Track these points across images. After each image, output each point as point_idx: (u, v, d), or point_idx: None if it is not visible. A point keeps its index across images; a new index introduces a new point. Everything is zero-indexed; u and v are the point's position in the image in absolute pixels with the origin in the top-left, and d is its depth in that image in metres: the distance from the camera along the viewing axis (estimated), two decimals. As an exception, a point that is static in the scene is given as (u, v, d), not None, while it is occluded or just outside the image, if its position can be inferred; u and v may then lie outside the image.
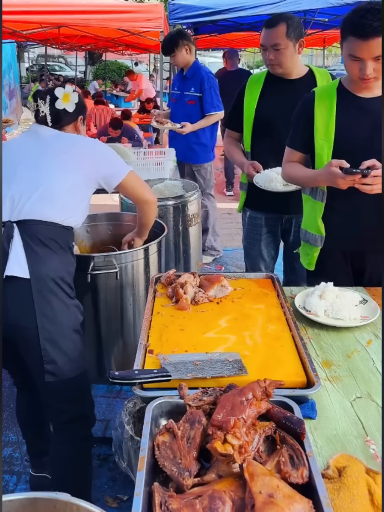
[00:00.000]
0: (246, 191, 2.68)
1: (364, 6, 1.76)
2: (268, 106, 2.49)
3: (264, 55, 2.45)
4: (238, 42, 10.23)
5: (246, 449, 0.98)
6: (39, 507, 0.99)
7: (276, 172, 2.40)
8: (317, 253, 2.08)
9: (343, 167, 1.74)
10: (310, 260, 2.12)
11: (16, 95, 13.19)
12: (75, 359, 1.79)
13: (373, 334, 1.63)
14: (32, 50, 17.39)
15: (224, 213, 6.04)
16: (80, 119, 2.05)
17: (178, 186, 3.45)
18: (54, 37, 7.46)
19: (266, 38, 2.39)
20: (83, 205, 1.92)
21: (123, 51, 12.11)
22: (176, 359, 1.35)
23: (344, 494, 1.00)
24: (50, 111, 1.93)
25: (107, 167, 1.94)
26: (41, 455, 2.18)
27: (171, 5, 5.19)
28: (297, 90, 2.43)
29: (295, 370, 1.34)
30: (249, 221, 2.72)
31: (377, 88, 1.89)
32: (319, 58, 27.76)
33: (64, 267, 1.80)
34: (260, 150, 2.55)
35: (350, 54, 1.78)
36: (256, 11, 4.74)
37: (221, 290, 1.78)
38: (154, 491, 0.93)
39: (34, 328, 1.69)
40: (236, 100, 2.68)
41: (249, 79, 2.65)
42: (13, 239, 1.72)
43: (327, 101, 1.95)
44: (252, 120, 2.53)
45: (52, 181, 1.81)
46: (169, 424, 1.08)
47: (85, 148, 1.92)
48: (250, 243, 2.76)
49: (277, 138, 2.42)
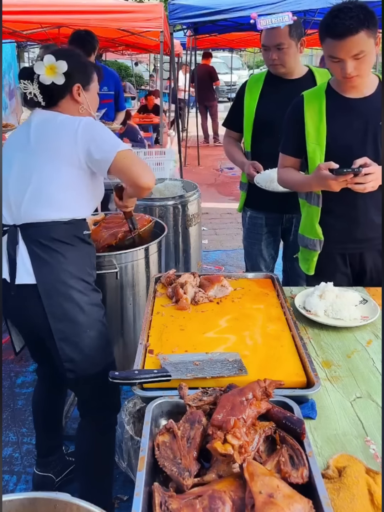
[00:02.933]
0: (246, 191, 2.68)
1: (338, 5, 1.76)
2: (268, 106, 2.49)
3: (266, 55, 2.44)
4: (238, 42, 10.24)
5: (246, 449, 0.98)
6: (39, 507, 0.99)
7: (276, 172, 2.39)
8: (316, 258, 2.06)
9: (334, 169, 1.73)
10: (310, 265, 2.09)
11: (16, 95, 13.19)
12: (94, 355, 1.77)
13: (373, 334, 1.63)
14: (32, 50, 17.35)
15: (224, 213, 6.04)
16: (76, 88, 1.74)
17: (178, 186, 3.45)
18: (54, 37, 7.44)
19: (268, 37, 2.38)
20: (83, 193, 1.75)
21: (123, 51, 12.10)
22: (176, 359, 1.35)
23: (344, 494, 0.99)
24: (39, 89, 1.70)
25: (93, 149, 1.66)
26: (49, 454, 2.17)
27: (171, 5, 5.19)
28: (298, 90, 2.41)
29: (295, 370, 1.34)
30: (249, 221, 2.72)
31: (366, 88, 1.89)
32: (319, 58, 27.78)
33: (75, 264, 1.73)
34: (260, 150, 2.55)
35: (330, 56, 1.78)
36: (256, 11, 4.74)
37: (221, 290, 1.78)
38: (154, 491, 0.93)
39: (47, 330, 1.70)
40: (235, 100, 2.68)
41: (249, 79, 2.65)
42: (18, 245, 1.69)
43: (316, 104, 1.94)
44: (252, 120, 2.53)
45: (39, 178, 1.67)
46: (169, 424, 1.08)
47: (66, 132, 1.67)
48: (251, 243, 2.76)
49: (277, 138, 2.41)
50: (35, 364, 3.08)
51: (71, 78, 1.72)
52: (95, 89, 1.84)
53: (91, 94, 1.81)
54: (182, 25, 6.48)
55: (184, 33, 8.31)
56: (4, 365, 3.05)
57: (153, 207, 3.10)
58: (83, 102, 1.77)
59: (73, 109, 1.76)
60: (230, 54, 16.44)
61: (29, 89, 1.69)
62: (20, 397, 2.82)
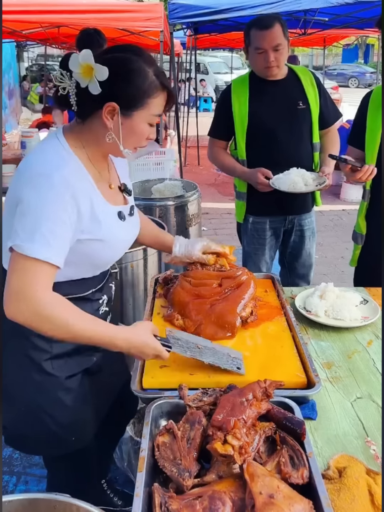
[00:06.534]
0: (245, 201, 2.58)
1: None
2: (260, 109, 2.40)
3: (259, 58, 2.32)
4: (238, 42, 10.20)
5: (246, 449, 0.98)
6: (39, 508, 0.99)
7: (294, 174, 2.32)
8: (359, 251, 2.26)
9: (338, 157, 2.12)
10: (352, 257, 2.30)
11: (15, 95, 13.20)
12: None
13: (374, 335, 1.63)
14: (32, 50, 17.35)
15: (224, 213, 6.04)
16: (108, 108, 1.23)
17: (178, 186, 3.45)
18: (53, 36, 7.44)
19: (265, 39, 2.28)
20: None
21: (123, 51, 12.11)
22: (182, 336, 1.36)
23: (345, 494, 0.99)
24: (76, 89, 1.24)
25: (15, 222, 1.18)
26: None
27: (171, 4, 5.18)
28: (285, 90, 2.41)
29: (296, 371, 1.34)
30: (252, 227, 2.63)
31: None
32: (319, 58, 27.76)
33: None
34: (257, 155, 2.45)
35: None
36: (256, 10, 4.73)
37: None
38: (154, 492, 0.93)
39: None
40: (220, 108, 2.56)
41: (233, 84, 2.51)
42: None
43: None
44: (245, 126, 2.42)
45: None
46: (169, 425, 1.08)
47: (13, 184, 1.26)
48: (255, 249, 2.67)
49: (274, 142, 2.38)
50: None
51: (108, 92, 1.21)
52: (143, 119, 1.28)
53: (133, 124, 1.28)
54: (182, 24, 6.48)
55: (184, 33, 8.30)
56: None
57: (153, 207, 3.10)
58: (113, 129, 1.26)
59: (100, 133, 1.28)
60: (230, 54, 16.46)
61: (65, 83, 1.23)
62: (20, 397, 2.81)
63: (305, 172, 2.33)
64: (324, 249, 4.87)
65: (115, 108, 1.23)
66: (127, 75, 1.23)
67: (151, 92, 1.26)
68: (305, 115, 2.42)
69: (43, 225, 1.15)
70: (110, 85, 1.20)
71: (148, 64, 1.26)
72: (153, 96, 1.27)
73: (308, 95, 2.42)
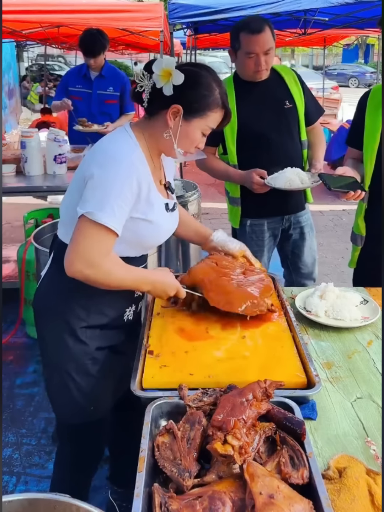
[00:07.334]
0: (239, 206, 2.54)
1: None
2: (248, 112, 2.37)
3: (250, 62, 2.28)
4: (238, 42, 10.22)
5: (246, 450, 0.98)
6: (39, 508, 0.99)
7: (289, 172, 2.32)
8: (358, 252, 2.25)
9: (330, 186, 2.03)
10: (351, 259, 2.30)
11: (15, 95, 13.19)
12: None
13: (374, 335, 1.63)
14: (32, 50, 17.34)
15: (224, 213, 6.03)
16: (174, 109, 1.41)
17: (178, 186, 3.45)
18: (53, 36, 7.43)
19: (257, 44, 2.24)
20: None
21: (123, 51, 12.07)
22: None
23: (345, 495, 0.99)
24: (151, 89, 1.43)
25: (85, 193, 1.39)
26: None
27: (171, 4, 5.17)
28: (271, 91, 2.40)
29: (296, 371, 1.34)
30: (250, 229, 2.60)
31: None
32: (319, 58, 27.80)
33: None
34: (248, 159, 2.41)
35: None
36: (256, 10, 4.73)
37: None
38: (154, 492, 0.93)
39: None
40: None
41: None
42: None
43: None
44: (235, 130, 2.39)
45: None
46: (169, 425, 1.08)
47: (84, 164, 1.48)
48: (253, 252, 2.63)
49: (264, 143, 2.37)
50: (34, 365, 3.09)
51: (177, 96, 1.40)
52: (199, 127, 1.46)
53: (190, 129, 1.45)
54: (182, 24, 6.47)
55: (184, 33, 8.30)
56: (3, 366, 3.05)
57: (153, 207, 3.09)
58: (173, 129, 1.44)
59: (161, 130, 1.46)
60: (230, 54, 16.44)
61: (144, 82, 1.44)
62: (20, 397, 2.82)
63: (300, 171, 2.34)
64: (324, 249, 4.88)
65: (179, 110, 1.41)
66: (197, 86, 1.42)
67: (212, 107, 1.44)
68: (292, 114, 2.43)
69: (112, 198, 1.35)
70: (180, 91, 1.39)
71: (216, 83, 1.46)
72: (214, 110, 1.45)
73: (294, 94, 2.42)
